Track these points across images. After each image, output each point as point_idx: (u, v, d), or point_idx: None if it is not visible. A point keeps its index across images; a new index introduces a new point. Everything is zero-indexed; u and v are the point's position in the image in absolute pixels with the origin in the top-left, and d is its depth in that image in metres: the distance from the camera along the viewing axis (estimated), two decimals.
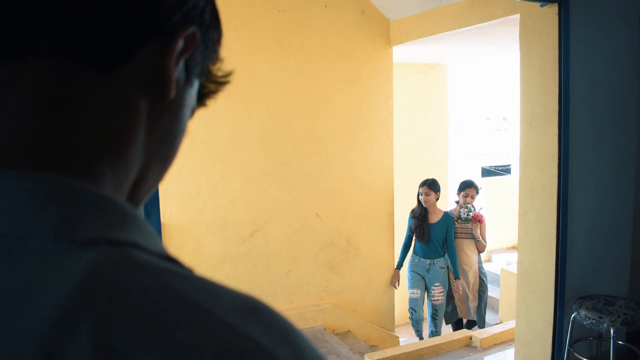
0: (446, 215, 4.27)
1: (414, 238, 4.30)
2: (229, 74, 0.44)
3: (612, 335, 2.52)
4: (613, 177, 2.96)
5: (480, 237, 4.30)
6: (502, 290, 5.33)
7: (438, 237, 4.21)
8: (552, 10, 2.69)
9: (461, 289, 4.30)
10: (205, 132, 3.73)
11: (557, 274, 2.79)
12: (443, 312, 4.30)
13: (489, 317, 5.65)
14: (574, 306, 2.74)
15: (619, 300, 2.73)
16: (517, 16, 2.95)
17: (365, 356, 3.49)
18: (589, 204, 2.87)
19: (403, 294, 4.27)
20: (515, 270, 3.15)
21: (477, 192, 4.42)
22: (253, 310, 0.29)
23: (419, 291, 4.27)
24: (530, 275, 2.95)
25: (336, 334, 4.13)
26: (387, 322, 4.47)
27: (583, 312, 2.65)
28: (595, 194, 2.90)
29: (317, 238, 4.19)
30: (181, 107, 0.40)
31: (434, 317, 4.27)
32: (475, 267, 4.35)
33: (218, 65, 0.43)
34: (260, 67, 3.86)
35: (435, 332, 4.44)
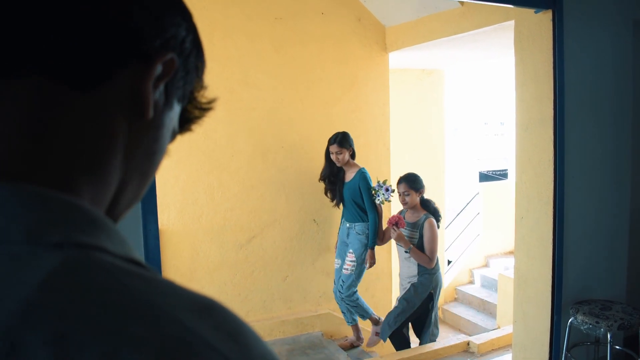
0: (359, 173, 3.73)
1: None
2: (212, 101, 0.47)
3: (609, 340, 2.52)
4: (609, 182, 2.97)
5: (411, 246, 3.45)
6: (500, 296, 5.34)
7: (349, 197, 3.76)
8: (547, 17, 2.71)
9: (372, 260, 3.70)
10: (202, 138, 3.74)
11: (554, 279, 2.79)
12: (348, 286, 3.77)
13: (486, 322, 5.66)
14: (571, 311, 2.74)
15: (616, 304, 2.74)
16: (512, 22, 2.97)
17: None
18: (585, 209, 2.88)
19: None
20: (512, 275, 3.15)
21: (416, 189, 3.50)
22: (207, 310, 0.32)
23: (339, 261, 3.93)
24: (527, 280, 2.95)
25: (334, 340, 4.12)
26: None
27: (580, 317, 2.65)
28: (591, 198, 2.91)
29: (315, 244, 4.19)
30: (160, 127, 0.43)
31: (339, 290, 3.81)
32: (412, 280, 3.54)
33: (202, 92, 0.46)
34: (257, 74, 3.88)
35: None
